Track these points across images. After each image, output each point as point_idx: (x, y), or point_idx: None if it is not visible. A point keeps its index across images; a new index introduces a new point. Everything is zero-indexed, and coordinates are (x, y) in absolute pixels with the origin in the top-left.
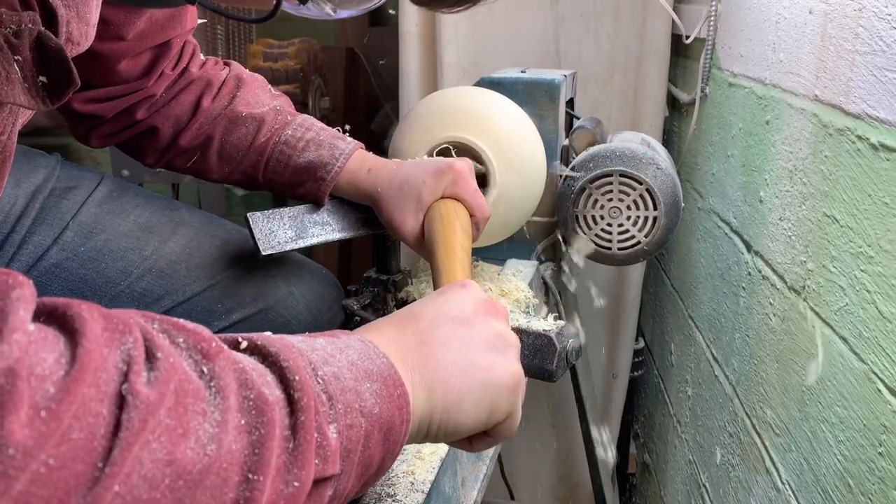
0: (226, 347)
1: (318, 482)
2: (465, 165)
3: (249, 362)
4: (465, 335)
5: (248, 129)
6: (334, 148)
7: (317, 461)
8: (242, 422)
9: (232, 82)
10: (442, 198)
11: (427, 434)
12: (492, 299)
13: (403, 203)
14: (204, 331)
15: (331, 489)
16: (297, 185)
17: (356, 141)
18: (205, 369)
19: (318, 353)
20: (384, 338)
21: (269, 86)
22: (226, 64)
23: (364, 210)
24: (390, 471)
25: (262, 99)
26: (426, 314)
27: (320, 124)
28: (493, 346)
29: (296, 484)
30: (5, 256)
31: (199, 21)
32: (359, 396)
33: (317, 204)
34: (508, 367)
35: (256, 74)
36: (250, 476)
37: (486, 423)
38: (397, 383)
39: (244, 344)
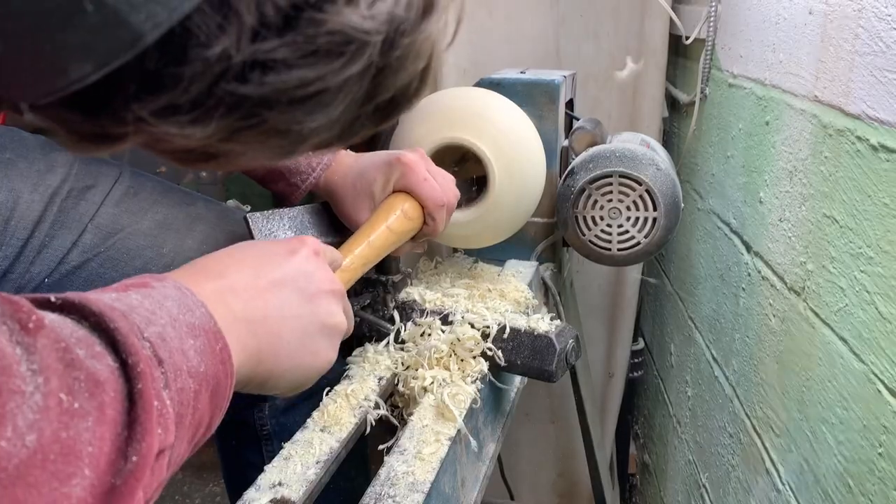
0: (48, 323)
1: (159, 453)
2: (413, 156)
3: (72, 332)
4: (307, 315)
5: None
6: (313, 157)
7: (159, 431)
8: (76, 405)
9: None
10: (394, 191)
11: (242, 388)
12: (327, 256)
13: (358, 201)
14: (24, 303)
15: (166, 457)
16: (269, 181)
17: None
18: (23, 342)
19: (140, 312)
20: (212, 281)
21: None
22: None
23: None
24: (391, 471)
25: None
26: (271, 269)
27: None
28: (328, 333)
29: (135, 459)
30: (25, 262)
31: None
32: (185, 356)
33: (317, 204)
34: (331, 356)
35: None
36: (82, 464)
37: (289, 393)
38: (218, 337)
39: (58, 302)
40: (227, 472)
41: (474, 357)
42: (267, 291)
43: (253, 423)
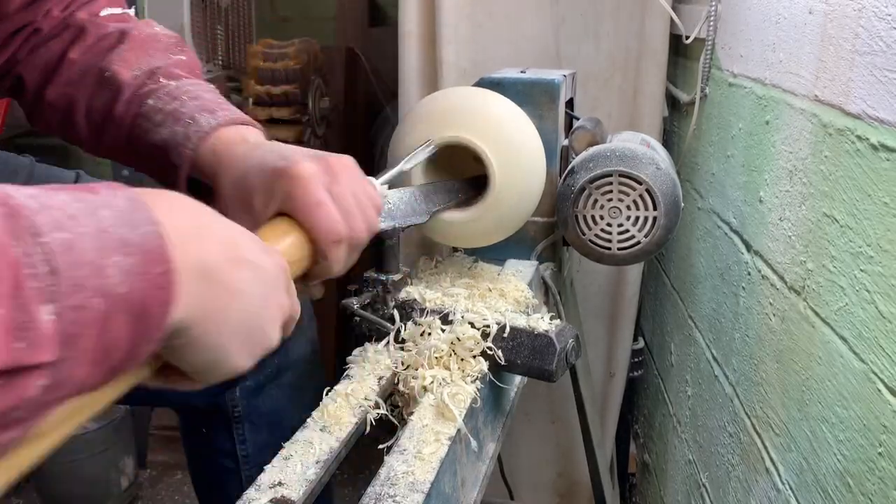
0: None
1: (19, 370)
2: (311, 167)
3: None
4: (260, 311)
5: (109, 94)
6: (192, 124)
7: (18, 344)
8: None
9: (114, 36)
10: (278, 214)
11: (174, 344)
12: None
13: (235, 212)
14: None
15: (44, 378)
16: (154, 169)
17: (229, 113)
18: None
19: (51, 214)
20: (176, 211)
21: (180, 46)
22: (129, 18)
23: None
24: (390, 471)
25: (144, 60)
26: (249, 250)
27: (201, 91)
28: (284, 324)
29: None
30: None
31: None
32: (99, 272)
33: None
34: (275, 344)
35: (164, 32)
36: None
37: (197, 377)
38: (162, 260)
39: None
40: (196, 465)
41: (474, 356)
42: (239, 263)
43: (225, 406)
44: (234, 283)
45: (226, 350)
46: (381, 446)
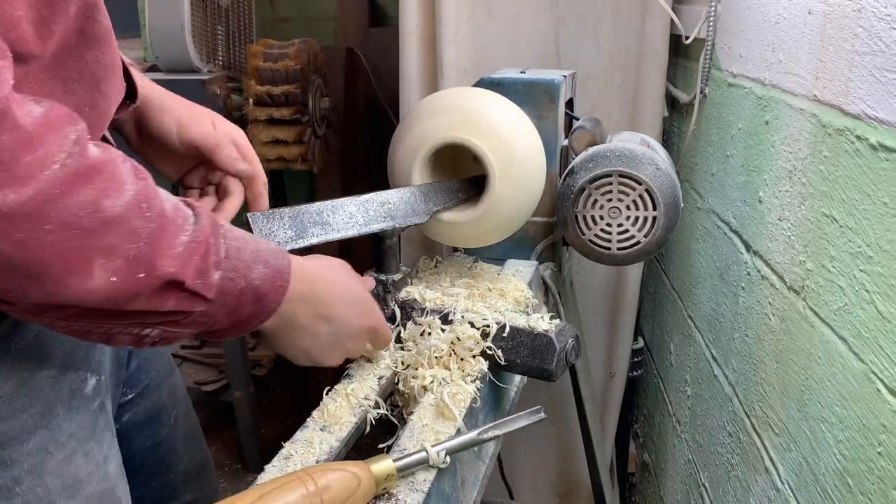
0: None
1: (196, 295)
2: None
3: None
4: (336, 345)
5: None
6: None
7: (199, 280)
8: (144, 206)
9: None
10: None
11: (272, 328)
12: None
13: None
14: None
15: (204, 306)
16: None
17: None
18: (133, 167)
19: (234, 233)
20: (311, 262)
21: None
22: None
23: (364, 212)
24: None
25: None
26: (340, 304)
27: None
28: (359, 347)
29: (154, 254)
30: None
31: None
32: (247, 268)
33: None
34: (333, 364)
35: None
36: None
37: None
38: (284, 277)
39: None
40: None
41: (474, 356)
42: (324, 319)
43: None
44: (311, 328)
45: (292, 356)
46: (381, 446)
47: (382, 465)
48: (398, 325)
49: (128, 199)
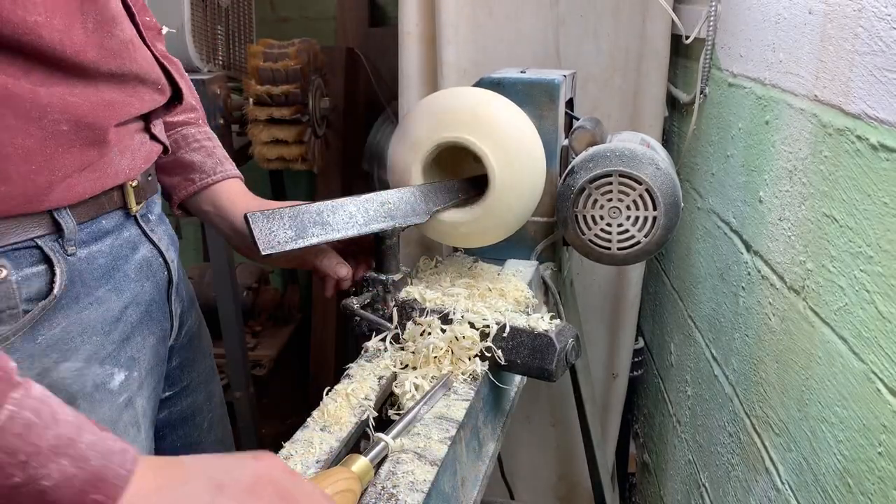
0: None
1: None
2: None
3: None
4: None
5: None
6: (219, 164)
7: None
8: None
9: None
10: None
11: None
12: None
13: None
14: None
15: None
16: (170, 174)
17: (240, 173)
18: None
19: (38, 403)
20: (162, 475)
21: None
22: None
23: (364, 212)
24: (392, 472)
25: (190, 95)
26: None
27: (219, 145)
28: None
29: None
30: None
31: (168, 31)
32: (38, 455)
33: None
34: None
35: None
36: None
37: None
38: (106, 490)
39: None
40: None
41: (470, 357)
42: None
43: None
44: None
45: None
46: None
47: (362, 466)
48: (397, 327)
49: None
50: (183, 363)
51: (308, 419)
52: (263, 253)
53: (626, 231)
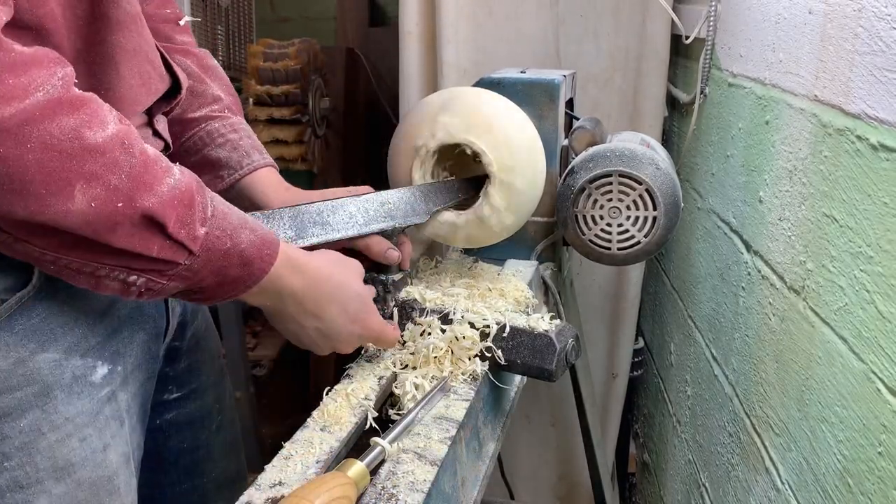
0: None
1: (179, 243)
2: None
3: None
4: (325, 340)
5: (186, 102)
6: (246, 156)
7: (182, 230)
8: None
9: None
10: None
11: (266, 305)
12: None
13: None
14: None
15: (188, 259)
16: (199, 174)
17: (271, 160)
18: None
19: (220, 199)
20: (302, 260)
21: (232, 86)
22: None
23: (364, 212)
24: (392, 472)
25: (213, 85)
26: (333, 305)
27: (249, 132)
28: (336, 342)
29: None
30: None
31: (189, 20)
32: (234, 230)
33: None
34: (325, 352)
35: (220, 67)
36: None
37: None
38: (271, 246)
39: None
40: None
41: (470, 357)
42: (311, 316)
43: None
44: (299, 319)
45: (282, 332)
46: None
47: (359, 471)
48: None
49: (109, 133)
50: (191, 365)
51: (308, 419)
52: None
53: (626, 231)
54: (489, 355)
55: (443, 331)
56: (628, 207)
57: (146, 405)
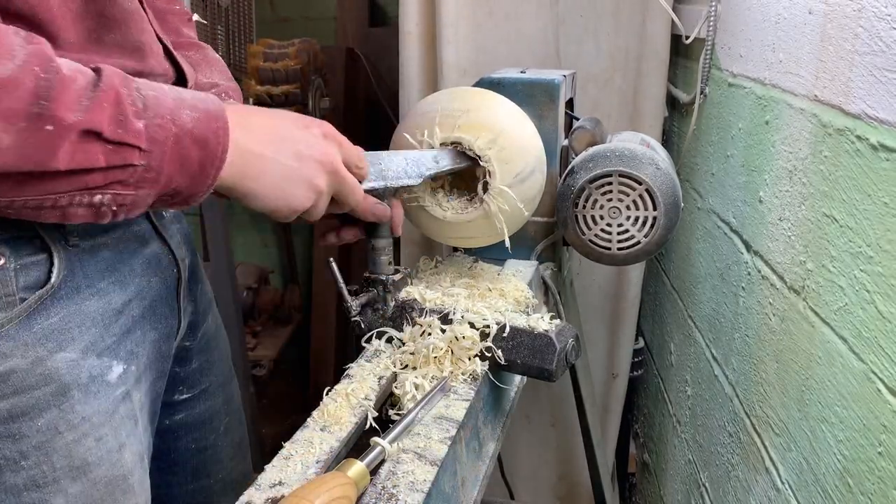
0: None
1: (122, 143)
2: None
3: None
4: (293, 168)
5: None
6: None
7: (119, 129)
8: (36, 69)
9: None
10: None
11: (237, 197)
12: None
13: None
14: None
15: (141, 158)
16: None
17: None
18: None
19: (148, 83)
20: (237, 107)
21: (230, 74)
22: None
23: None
24: (392, 472)
25: (210, 72)
26: (285, 125)
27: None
28: (305, 187)
29: (49, 104)
30: None
31: (198, 20)
32: (174, 113)
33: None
34: (302, 204)
35: (220, 58)
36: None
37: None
38: (219, 118)
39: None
40: None
41: (470, 357)
42: (272, 141)
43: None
44: (267, 152)
45: (265, 201)
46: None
47: (358, 471)
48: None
49: (18, 63)
50: (202, 366)
51: (308, 419)
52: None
53: (626, 231)
54: (489, 355)
55: (443, 331)
56: (628, 207)
57: (156, 405)
